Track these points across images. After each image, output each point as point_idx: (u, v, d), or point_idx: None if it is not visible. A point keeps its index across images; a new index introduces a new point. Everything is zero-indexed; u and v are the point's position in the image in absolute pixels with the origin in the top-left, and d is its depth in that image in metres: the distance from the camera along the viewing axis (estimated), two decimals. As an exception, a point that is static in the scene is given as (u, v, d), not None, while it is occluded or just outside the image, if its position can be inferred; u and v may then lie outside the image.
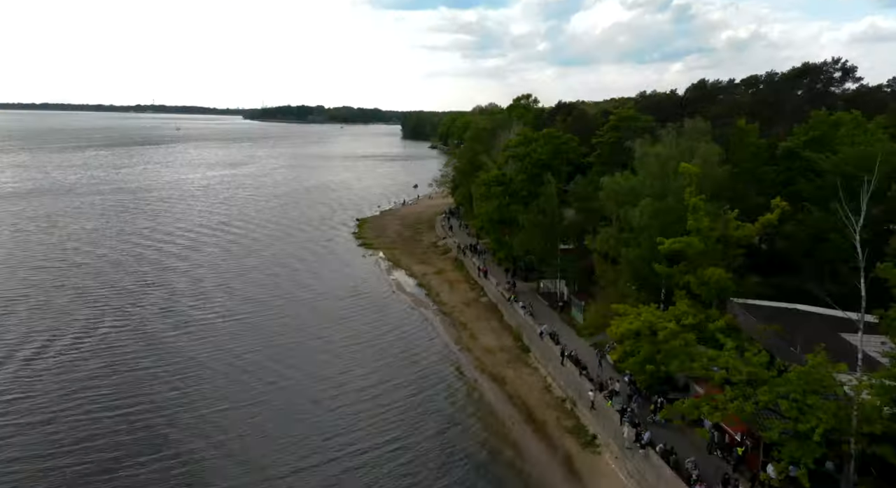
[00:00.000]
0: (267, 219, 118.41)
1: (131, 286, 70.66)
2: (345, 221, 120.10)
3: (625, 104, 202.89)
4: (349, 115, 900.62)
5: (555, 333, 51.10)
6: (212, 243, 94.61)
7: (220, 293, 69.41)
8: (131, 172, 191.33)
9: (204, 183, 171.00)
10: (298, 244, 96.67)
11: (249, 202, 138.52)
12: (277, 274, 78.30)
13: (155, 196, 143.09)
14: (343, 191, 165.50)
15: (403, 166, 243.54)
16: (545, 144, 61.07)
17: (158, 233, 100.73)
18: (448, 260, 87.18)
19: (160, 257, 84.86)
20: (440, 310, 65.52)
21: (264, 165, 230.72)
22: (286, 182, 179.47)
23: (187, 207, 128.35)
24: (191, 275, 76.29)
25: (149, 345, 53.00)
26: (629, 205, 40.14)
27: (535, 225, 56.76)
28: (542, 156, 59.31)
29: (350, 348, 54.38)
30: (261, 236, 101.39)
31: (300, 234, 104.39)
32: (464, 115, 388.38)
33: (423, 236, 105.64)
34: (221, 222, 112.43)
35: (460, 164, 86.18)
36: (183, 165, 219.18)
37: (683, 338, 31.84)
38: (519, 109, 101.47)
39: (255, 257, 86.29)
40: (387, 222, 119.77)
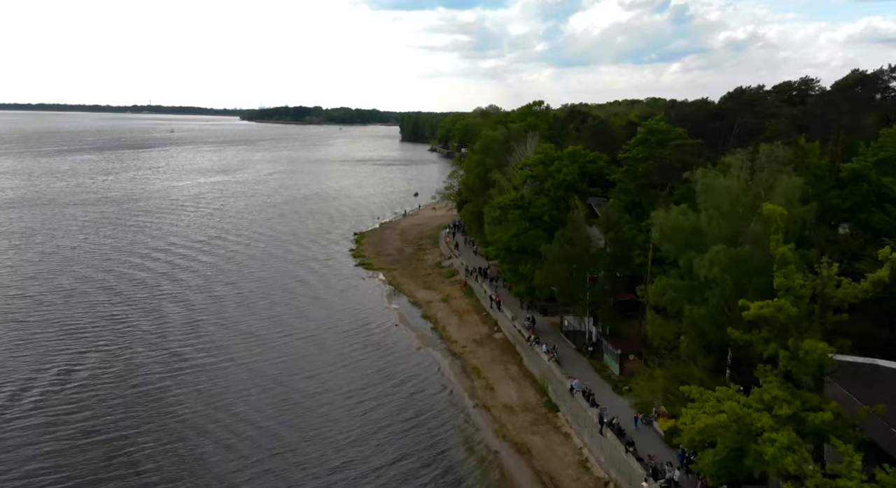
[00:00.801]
0: (261, 232, 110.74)
1: (107, 319, 63.06)
2: (343, 235, 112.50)
3: (637, 110, 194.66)
4: (347, 116, 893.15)
5: (589, 391, 43.49)
6: (200, 263, 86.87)
7: (210, 326, 62.04)
8: (119, 179, 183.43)
9: (195, 191, 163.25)
10: (294, 264, 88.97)
11: (243, 213, 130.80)
12: (273, 301, 70.67)
13: (141, 207, 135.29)
14: (341, 199, 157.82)
15: (403, 172, 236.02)
16: (570, 163, 53.45)
17: (141, 252, 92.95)
18: (455, 284, 79.55)
19: (141, 282, 77.15)
20: (449, 350, 57.89)
21: (259, 171, 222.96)
22: (282, 190, 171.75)
23: (176, 220, 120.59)
24: (177, 302, 68.76)
25: (128, 408, 45.16)
26: (692, 249, 32.61)
27: (560, 258, 49.17)
28: (568, 177, 51.76)
29: (350, 404, 46.80)
30: (254, 254, 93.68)
31: (296, 252, 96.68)
32: (464, 116, 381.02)
33: (427, 254, 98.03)
34: (212, 237, 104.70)
35: (469, 180, 78.51)
36: (174, 171, 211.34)
37: (787, 435, 24.40)
38: (531, 118, 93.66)
39: (247, 280, 78.55)
40: (387, 236, 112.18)
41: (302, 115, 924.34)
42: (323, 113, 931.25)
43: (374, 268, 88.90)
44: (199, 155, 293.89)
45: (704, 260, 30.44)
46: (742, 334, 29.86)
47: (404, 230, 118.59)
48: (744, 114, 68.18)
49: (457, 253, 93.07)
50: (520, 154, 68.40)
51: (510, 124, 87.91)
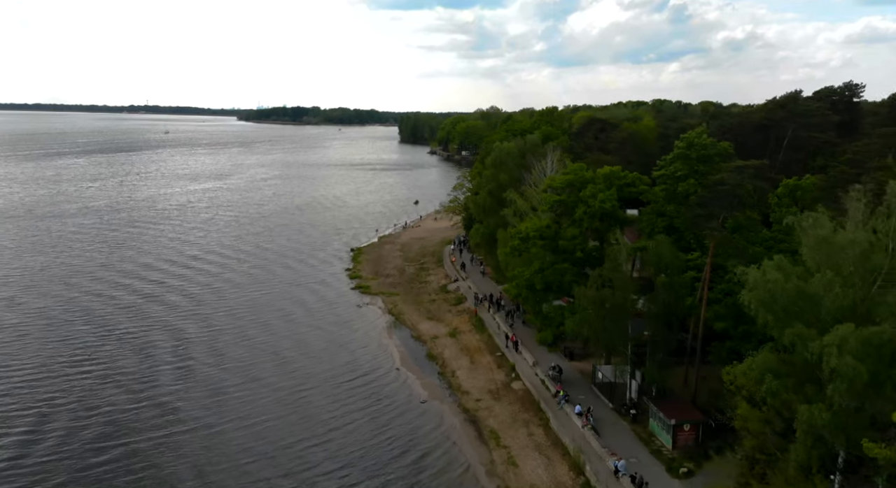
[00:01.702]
0: (249, 250, 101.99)
1: (62, 365, 54.22)
2: (339, 252, 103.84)
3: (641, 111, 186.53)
4: (345, 117, 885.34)
5: (642, 481, 34.88)
6: (174, 291, 78.00)
7: (172, 378, 52.90)
8: (105, 187, 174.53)
9: (183, 199, 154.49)
10: (283, 290, 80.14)
11: (231, 226, 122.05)
12: (252, 343, 61.31)
13: (124, 218, 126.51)
14: (338, 209, 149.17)
15: (403, 177, 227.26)
16: (606, 188, 44.71)
17: (114, 274, 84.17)
18: (463, 314, 70.90)
19: (107, 313, 68.39)
20: (460, 406, 49.13)
21: (253, 176, 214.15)
22: (275, 198, 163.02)
23: (158, 234, 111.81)
24: (134, 351, 59.30)
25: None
26: (797, 320, 24.15)
27: (597, 304, 40.58)
28: (605, 205, 43.13)
29: (344, 485, 38.12)
30: (238, 278, 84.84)
31: (286, 274, 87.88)
32: (465, 118, 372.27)
33: (430, 275, 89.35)
34: (194, 256, 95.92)
35: (480, 198, 69.85)
36: (163, 177, 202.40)
37: None
38: (546, 127, 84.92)
39: (225, 315, 69.38)
40: (386, 253, 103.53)
41: (299, 116, 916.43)
42: (321, 113, 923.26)
43: (372, 293, 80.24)
44: (191, 158, 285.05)
45: (830, 345, 21.91)
46: (886, 451, 21.29)
47: (405, 245, 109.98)
48: (796, 125, 59.73)
49: (463, 275, 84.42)
50: (540, 170, 59.81)
51: (525, 134, 79.21)
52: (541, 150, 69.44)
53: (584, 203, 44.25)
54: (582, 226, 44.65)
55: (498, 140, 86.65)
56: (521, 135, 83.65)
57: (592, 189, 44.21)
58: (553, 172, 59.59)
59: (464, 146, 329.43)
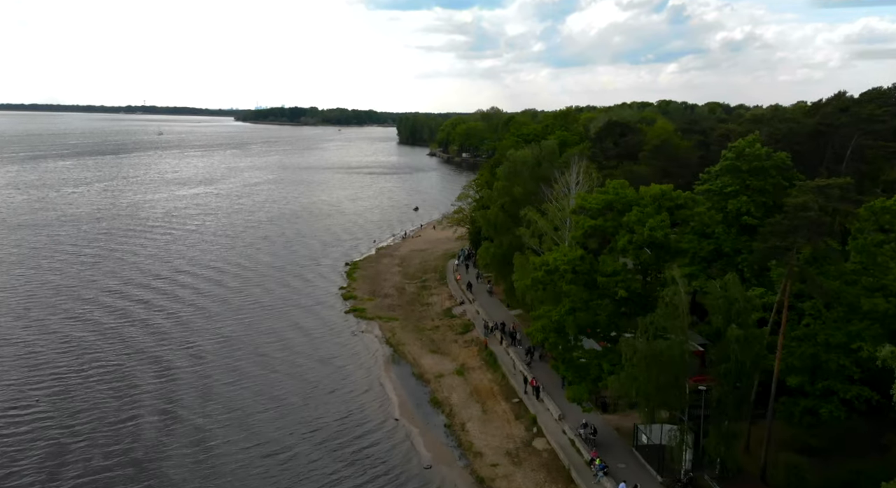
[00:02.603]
0: (236, 265, 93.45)
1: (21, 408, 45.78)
2: (333, 266, 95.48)
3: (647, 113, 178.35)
4: (343, 117, 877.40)
5: None
6: (152, 313, 69.62)
7: (145, 430, 44.49)
8: (88, 192, 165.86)
9: (170, 206, 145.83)
10: (270, 314, 71.62)
11: (218, 237, 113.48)
12: (232, 384, 52.95)
13: (104, 228, 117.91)
14: (334, 216, 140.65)
15: (402, 181, 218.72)
16: (655, 211, 36.04)
17: (82, 296, 75.70)
18: (471, 345, 62.51)
19: (70, 344, 60.06)
20: (473, 473, 40.57)
21: (246, 180, 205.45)
22: (268, 204, 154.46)
23: (137, 248, 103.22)
24: (104, 391, 51.05)
25: None
26: None
27: (650, 358, 32.18)
28: (656, 234, 34.63)
29: None
30: (221, 300, 76.22)
31: (274, 294, 79.29)
32: (465, 119, 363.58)
33: (433, 295, 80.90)
34: (175, 272, 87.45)
35: (491, 214, 61.32)
36: (152, 182, 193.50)
37: None
38: (561, 132, 76.37)
39: (200, 352, 60.59)
40: (384, 268, 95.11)
41: (297, 116, 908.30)
42: (319, 113, 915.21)
43: (368, 317, 71.83)
44: (183, 160, 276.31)
45: None
46: None
47: (404, 258, 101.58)
48: (860, 131, 51.33)
49: (470, 296, 75.99)
50: (563, 185, 51.40)
51: (538, 139, 70.86)
52: (559, 159, 61.11)
53: (629, 230, 35.78)
54: (627, 257, 36.18)
55: (509, 146, 78.20)
56: (534, 142, 75.34)
57: (639, 213, 35.77)
58: (579, 186, 51.18)
59: (464, 148, 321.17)
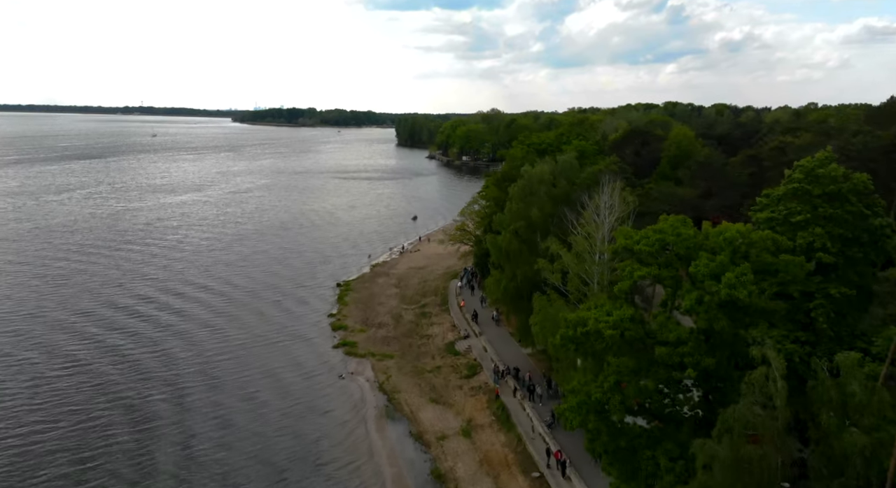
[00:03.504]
0: (216, 287, 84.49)
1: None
2: (323, 288, 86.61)
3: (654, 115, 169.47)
4: (341, 118, 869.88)
5: None
6: (112, 354, 60.67)
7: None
8: (68, 200, 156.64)
9: (153, 216, 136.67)
10: (246, 354, 62.61)
11: (201, 253, 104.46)
12: (190, 452, 44.14)
13: (76, 243, 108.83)
14: (328, 227, 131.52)
15: (400, 187, 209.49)
16: (729, 257, 26.89)
17: (37, 326, 66.70)
18: (478, 392, 53.52)
19: (15, 381, 51.05)
20: None
21: (238, 186, 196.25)
22: (258, 214, 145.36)
23: (109, 265, 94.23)
24: (49, 449, 42.25)
25: None
26: None
27: (733, 467, 23.23)
28: (739, 292, 25.41)
29: None
30: (193, 333, 67.29)
31: (253, 327, 70.11)
32: (464, 121, 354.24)
33: (433, 324, 71.90)
34: (139, 299, 78.31)
35: (503, 240, 52.10)
36: (138, 189, 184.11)
37: None
38: (578, 141, 67.29)
39: (150, 408, 51.87)
40: (379, 290, 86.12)
41: (295, 117, 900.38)
42: (317, 114, 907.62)
43: (359, 354, 62.93)
44: (174, 164, 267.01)
45: None
46: None
47: (402, 278, 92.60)
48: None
49: (476, 328, 67.00)
50: (593, 210, 42.40)
51: (552, 150, 61.86)
52: (581, 176, 52.18)
53: (698, 285, 26.70)
54: (699, 320, 27.11)
55: (520, 157, 69.22)
56: (548, 153, 66.44)
57: (709, 262, 26.76)
58: (612, 212, 42.19)
59: (464, 151, 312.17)
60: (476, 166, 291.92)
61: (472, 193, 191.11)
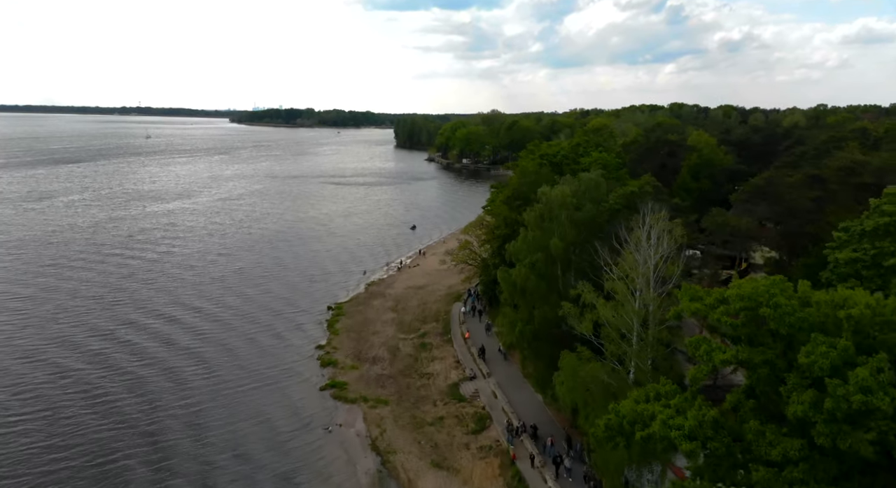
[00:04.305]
0: (196, 311, 76.56)
1: None
2: (313, 312, 78.72)
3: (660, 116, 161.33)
4: (339, 119, 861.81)
5: None
6: (58, 405, 52.48)
7: None
8: (48, 209, 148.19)
9: (135, 228, 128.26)
10: (221, 396, 54.55)
11: (184, 269, 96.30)
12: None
13: (49, 257, 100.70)
14: (322, 239, 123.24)
15: (399, 192, 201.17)
16: (848, 338, 19.06)
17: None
18: (488, 453, 45.44)
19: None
20: None
21: (228, 192, 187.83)
22: (247, 224, 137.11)
23: (81, 285, 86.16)
24: None
25: None
26: None
27: None
28: (882, 405, 17.62)
29: None
30: (164, 367, 59.27)
31: (229, 364, 61.97)
32: (464, 122, 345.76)
33: (434, 357, 63.82)
34: (115, 323, 70.55)
35: (518, 275, 43.53)
36: (123, 195, 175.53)
37: None
38: (598, 154, 58.96)
39: (121, 454, 43.83)
40: (374, 314, 78.04)
41: (293, 118, 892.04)
42: (315, 115, 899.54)
43: (349, 399, 54.86)
44: (165, 168, 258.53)
45: None
46: None
47: (399, 300, 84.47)
48: None
49: (483, 367, 58.81)
50: (633, 245, 34.24)
51: (568, 162, 53.71)
52: (611, 199, 44.04)
53: (808, 378, 18.64)
54: (817, 440, 19.06)
55: (532, 169, 61.05)
56: (563, 165, 58.30)
57: (830, 352, 18.73)
58: (657, 251, 34.04)
59: (464, 153, 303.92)
60: (477, 169, 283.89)
61: (473, 199, 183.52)
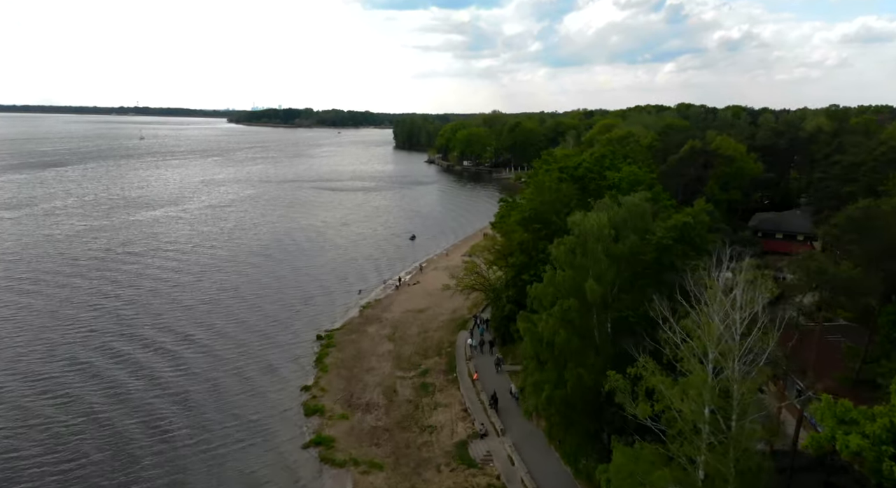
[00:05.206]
0: (166, 344, 67.77)
1: None
2: (300, 343, 70.00)
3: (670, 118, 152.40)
4: (338, 118, 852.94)
5: None
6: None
7: None
8: (26, 218, 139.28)
9: (115, 241, 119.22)
10: (182, 462, 45.66)
11: (160, 290, 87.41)
12: None
13: (16, 273, 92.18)
14: (315, 253, 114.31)
15: (398, 198, 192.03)
16: None
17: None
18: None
19: None
20: None
21: (219, 198, 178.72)
22: (236, 234, 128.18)
23: (48, 305, 77.48)
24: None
25: None
26: None
27: None
28: None
29: None
30: (114, 433, 50.38)
31: (197, 418, 53.09)
32: (465, 123, 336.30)
33: (437, 403, 55.01)
34: (79, 348, 61.90)
35: (546, 328, 34.35)
36: (108, 201, 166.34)
37: None
38: (629, 168, 49.94)
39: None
40: (368, 346, 69.29)
41: (291, 118, 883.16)
42: (313, 115, 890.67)
43: (337, 461, 46.15)
44: (156, 171, 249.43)
45: None
46: None
47: (397, 325, 75.71)
48: None
49: (497, 421, 49.92)
50: (710, 304, 25.52)
51: (594, 176, 44.91)
52: (647, 222, 35.26)
53: None
54: None
55: (551, 185, 52.12)
56: (586, 180, 49.42)
57: None
58: (744, 312, 25.20)
59: (465, 155, 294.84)
60: (478, 172, 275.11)
61: (475, 205, 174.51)
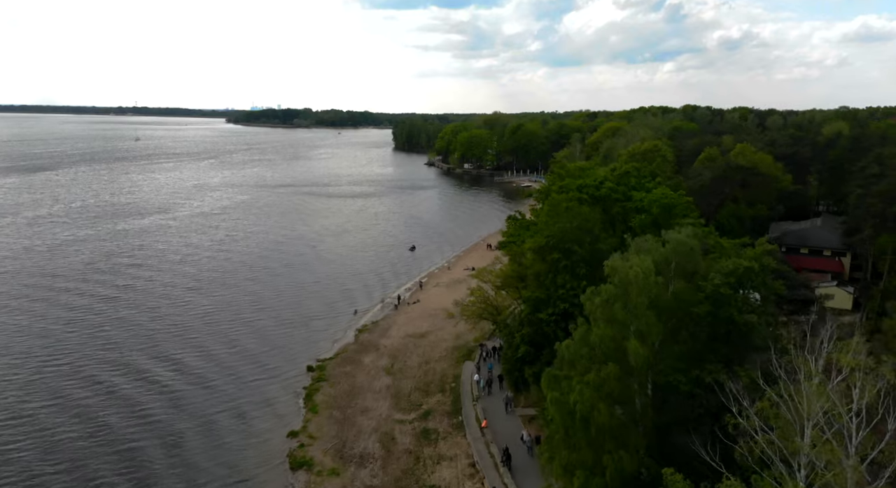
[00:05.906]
0: (139, 378, 61.27)
1: None
2: (288, 376, 63.52)
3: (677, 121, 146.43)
4: (337, 119, 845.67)
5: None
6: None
7: None
8: (7, 227, 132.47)
9: (97, 253, 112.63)
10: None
11: (137, 314, 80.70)
12: None
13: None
14: (309, 266, 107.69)
15: (397, 203, 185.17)
16: None
17: None
18: None
19: None
20: None
21: (212, 204, 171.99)
22: (226, 245, 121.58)
23: (10, 337, 70.71)
24: None
25: None
26: None
27: None
28: None
29: None
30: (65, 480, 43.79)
31: (164, 477, 46.57)
32: (465, 125, 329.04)
33: (441, 457, 48.46)
34: (37, 387, 55.23)
35: (580, 401, 27.85)
36: (95, 208, 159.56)
37: None
38: (661, 191, 43.32)
39: None
40: (364, 379, 62.80)
41: (290, 118, 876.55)
42: (312, 115, 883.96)
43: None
44: (149, 175, 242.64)
45: None
46: None
47: (396, 354, 69.21)
48: None
49: (510, 481, 43.27)
50: (810, 394, 19.12)
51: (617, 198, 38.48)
52: (698, 264, 28.75)
53: None
54: None
55: (569, 206, 45.55)
56: (608, 201, 42.89)
57: None
58: (857, 404, 18.59)
59: (466, 158, 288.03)
60: (479, 175, 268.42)
61: (477, 211, 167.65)
